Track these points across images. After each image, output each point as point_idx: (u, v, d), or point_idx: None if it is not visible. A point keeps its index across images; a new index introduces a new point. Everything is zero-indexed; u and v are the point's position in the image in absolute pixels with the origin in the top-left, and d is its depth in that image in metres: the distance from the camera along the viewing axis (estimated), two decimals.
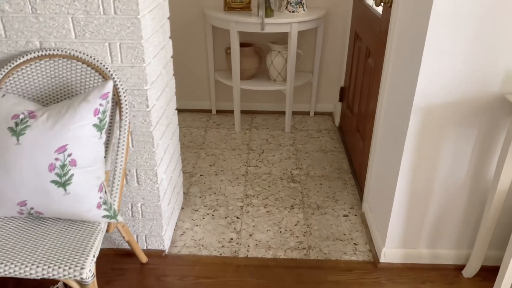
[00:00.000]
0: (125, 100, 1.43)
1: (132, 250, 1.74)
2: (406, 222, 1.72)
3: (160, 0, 1.64)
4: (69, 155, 1.25)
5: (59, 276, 1.15)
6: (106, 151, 1.45)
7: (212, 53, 2.93)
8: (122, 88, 1.43)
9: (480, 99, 1.47)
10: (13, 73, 1.43)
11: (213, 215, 2.09)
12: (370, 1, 2.24)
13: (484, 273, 1.73)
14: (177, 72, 3.07)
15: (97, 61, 1.42)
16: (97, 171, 1.33)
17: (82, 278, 1.15)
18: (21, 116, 1.27)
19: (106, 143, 1.46)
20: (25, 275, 1.16)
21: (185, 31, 2.94)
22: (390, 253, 1.79)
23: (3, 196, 1.27)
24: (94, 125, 1.30)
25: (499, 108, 1.48)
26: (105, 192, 1.36)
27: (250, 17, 2.55)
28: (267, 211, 2.12)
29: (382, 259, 1.80)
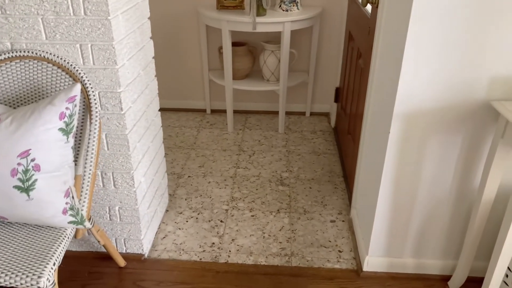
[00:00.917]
0: (95, 103, 1.40)
1: (109, 254, 1.72)
2: (390, 230, 1.67)
3: (138, 0, 1.61)
4: (33, 160, 1.23)
5: (17, 285, 1.12)
6: (78, 156, 1.43)
7: (206, 53, 2.89)
8: (93, 91, 1.40)
9: (465, 106, 1.41)
10: None
11: (197, 218, 2.06)
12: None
13: (471, 285, 1.67)
14: (172, 72, 3.04)
15: (67, 63, 1.39)
16: (64, 176, 1.31)
17: (40, 287, 1.13)
18: None
19: (78, 148, 1.43)
20: None
21: (179, 30, 2.90)
22: (374, 262, 1.73)
23: None
24: (60, 129, 1.27)
25: (485, 115, 1.42)
26: (72, 198, 1.33)
27: (242, 16, 2.50)
28: (252, 215, 2.08)
29: (366, 268, 1.75)
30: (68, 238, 1.31)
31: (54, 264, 1.19)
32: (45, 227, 1.32)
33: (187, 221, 2.04)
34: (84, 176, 1.38)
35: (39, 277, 1.13)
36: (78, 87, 1.32)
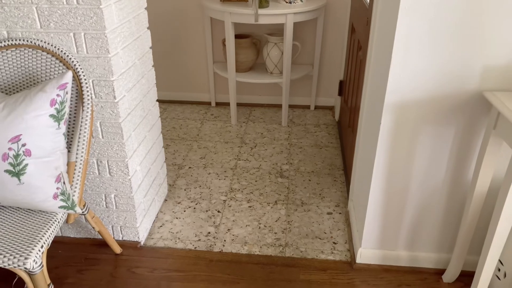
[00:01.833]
0: (88, 91, 1.42)
1: (105, 241, 1.75)
2: (383, 223, 1.65)
3: None
4: (23, 145, 1.26)
5: (4, 265, 1.16)
6: (72, 143, 1.45)
7: (211, 45, 2.90)
8: (85, 79, 1.42)
9: (457, 97, 1.39)
10: None
11: (195, 208, 2.08)
12: None
13: (465, 279, 1.65)
14: (177, 64, 3.07)
15: (61, 51, 1.42)
16: (55, 162, 1.33)
17: (27, 268, 1.16)
18: None
19: (72, 135, 1.46)
20: None
21: (184, 23, 2.92)
22: (367, 254, 1.73)
23: None
24: (51, 116, 1.30)
25: (477, 106, 1.39)
26: (64, 183, 1.36)
27: (245, 8, 2.50)
28: (249, 206, 2.09)
29: (359, 260, 1.74)
30: (59, 223, 1.34)
31: (42, 247, 1.22)
32: (37, 212, 1.36)
33: (185, 211, 2.06)
34: (76, 163, 1.41)
35: (26, 258, 1.16)
36: (70, 75, 1.34)
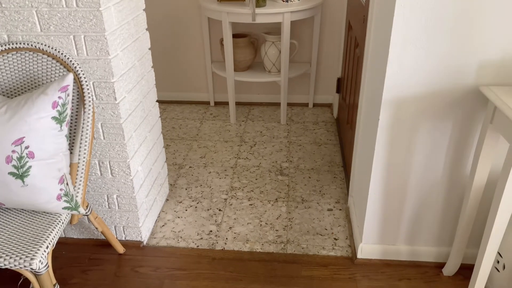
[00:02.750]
0: (89, 93, 1.44)
1: (108, 241, 1.77)
2: (383, 218, 1.67)
3: None
4: (27, 147, 1.27)
5: (10, 266, 1.17)
6: (74, 144, 1.47)
7: (209, 45, 2.91)
8: (86, 81, 1.44)
9: (454, 92, 1.40)
10: None
11: (196, 207, 2.09)
12: None
13: (465, 271, 1.67)
14: (175, 65, 3.08)
15: (62, 54, 1.43)
16: (58, 163, 1.35)
17: (33, 269, 1.17)
18: None
19: (74, 136, 1.47)
20: None
21: (182, 23, 2.94)
22: (368, 249, 1.74)
23: None
24: (53, 118, 1.32)
25: (474, 101, 1.41)
26: (67, 184, 1.38)
27: (242, 8, 2.51)
28: (250, 204, 2.11)
29: (360, 255, 1.76)
30: (63, 223, 1.35)
31: (47, 247, 1.23)
32: (41, 213, 1.37)
33: (186, 210, 2.08)
34: (79, 164, 1.42)
35: (32, 259, 1.17)
36: (71, 77, 1.35)
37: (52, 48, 1.43)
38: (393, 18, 1.31)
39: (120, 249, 1.80)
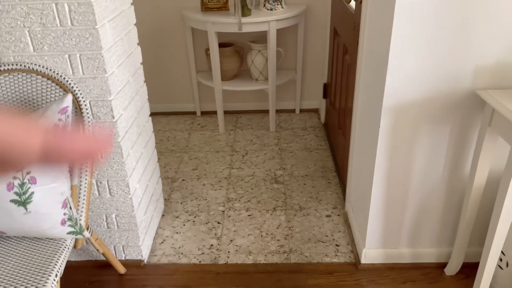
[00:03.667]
0: (87, 113, 1.40)
1: (109, 262, 1.72)
2: (385, 222, 1.69)
3: (124, 8, 1.61)
4: (28, 173, 1.23)
5: None
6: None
7: (193, 55, 2.89)
8: (84, 101, 1.40)
9: (452, 96, 1.44)
10: None
11: (194, 221, 2.07)
12: None
13: (467, 270, 1.71)
14: (159, 76, 3.04)
15: (57, 74, 1.39)
16: (60, 187, 1.31)
17: None
18: None
19: None
20: None
21: (165, 34, 2.90)
22: (371, 254, 1.76)
23: None
24: None
25: (471, 104, 1.45)
26: (70, 208, 1.34)
27: (227, 17, 2.51)
28: (249, 215, 2.10)
29: (363, 260, 1.77)
30: (68, 249, 1.31)
31: (56, 276, 1.19)
32: (44, 239, 1.33)
33: (184, 225, 2.05)
34: (80, 186, 1.38)
35: None
36: (70, 98, 1.32)
37: (47, 68, 1.39)
38: (392, 27, 1.33)
39: (121, 270, 1.76)
